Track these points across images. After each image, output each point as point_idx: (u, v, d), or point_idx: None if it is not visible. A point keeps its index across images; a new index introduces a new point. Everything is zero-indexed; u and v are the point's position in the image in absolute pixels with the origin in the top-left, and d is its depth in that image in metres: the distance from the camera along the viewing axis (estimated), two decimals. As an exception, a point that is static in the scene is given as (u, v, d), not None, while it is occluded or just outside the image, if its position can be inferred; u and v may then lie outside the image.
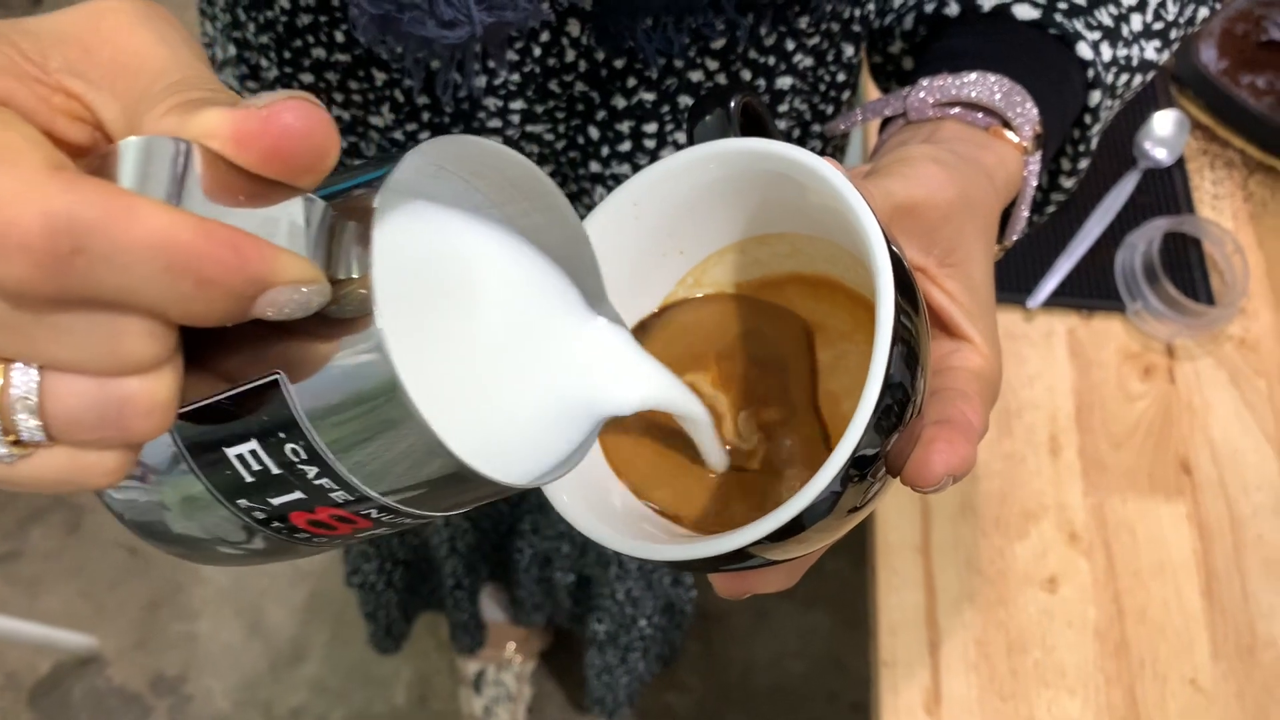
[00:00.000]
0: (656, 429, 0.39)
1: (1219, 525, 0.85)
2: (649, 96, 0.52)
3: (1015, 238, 0.49)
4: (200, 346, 0.24)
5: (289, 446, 0.25)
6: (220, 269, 0.21)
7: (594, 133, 0.54)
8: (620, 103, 0.52)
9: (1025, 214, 0.48)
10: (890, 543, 0.84)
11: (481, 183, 0.31)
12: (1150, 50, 0.51)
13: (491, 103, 0.52)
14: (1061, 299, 0.95)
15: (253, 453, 0.26)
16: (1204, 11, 0.54)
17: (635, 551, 0.32)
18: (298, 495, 0.26)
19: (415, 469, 0.26)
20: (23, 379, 0.22)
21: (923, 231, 0.39)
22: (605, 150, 0.54)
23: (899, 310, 0.30)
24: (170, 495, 0.28)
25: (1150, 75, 0.53)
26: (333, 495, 0.26)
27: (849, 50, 0.55)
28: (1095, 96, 0.49)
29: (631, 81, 0.51)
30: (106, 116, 0.24)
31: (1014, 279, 0.96)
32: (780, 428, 0.38)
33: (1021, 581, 0.83)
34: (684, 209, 0.38)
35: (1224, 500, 0.86)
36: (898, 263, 0.31)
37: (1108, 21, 0.49)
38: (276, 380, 0.24)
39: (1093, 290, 0.96)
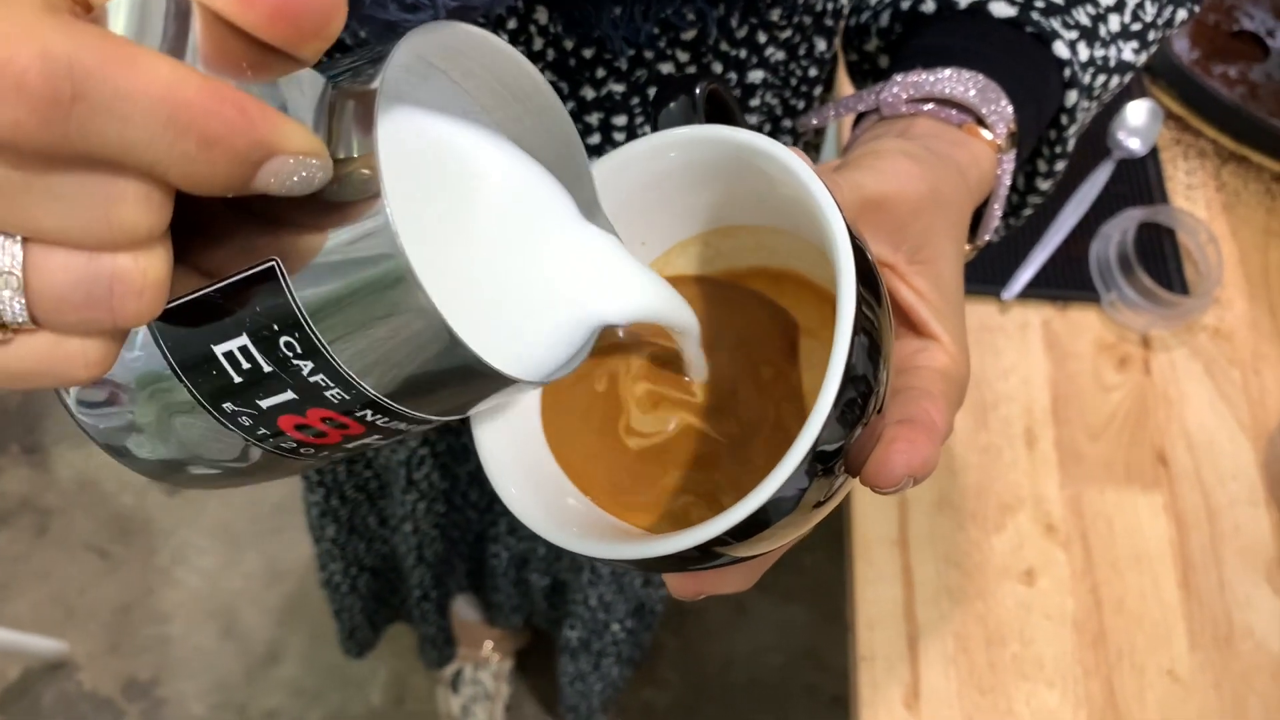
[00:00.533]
0: (610, 430, 0.38)
1: (1195, 516, 0.85)
2: (618, 88, 0.51)
3: (988, 237, 0.48)
4: (185, 241, 0.23)
5: (284, 340, 0.24)
6: (225, 129, 0.20)
7: None
8: (589, 94, 0.51)
9: (998, 213, 0.47)
10: (868, 537, 0.84)
11: (472, 84, 0.30)
12: (1128, 51, 0.51)
13: None
14: (1036, 290, 0.95)
15: (243, 349, 0.24)
16: (1182, 13, 0.54)
17: (598, 552, 0.31)
18: (289, 396, 0.25)
19: (417, 359, 0.25)
20: (6, 253, 0.20)
21: (892, 227, 0.38)
22: None
23: (860, 301, 0.29)
24: (147, 408, 0.27)
25: (1128, 77, 0.52)
26: (327, 394, 0.25)
27: (821, 45, 0.54)
28: (1072, 96, 0.48)
29: (600, 72, 0.50)
30: None
31: (988, 271, 0.96)
32: (742, 420, 0.37)
33: (999, 574, 0.82)
34: (646, 198, 0.37)
35: (1200, 491, 0.86)
36: (860, 253, 0.30)
37: (1085, 21, 0.49)
38: (273, 267, 0.23)
39: (1068, 281, 0.95)
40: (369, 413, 0.26)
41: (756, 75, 0.52)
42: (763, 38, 0.50)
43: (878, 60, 0.54)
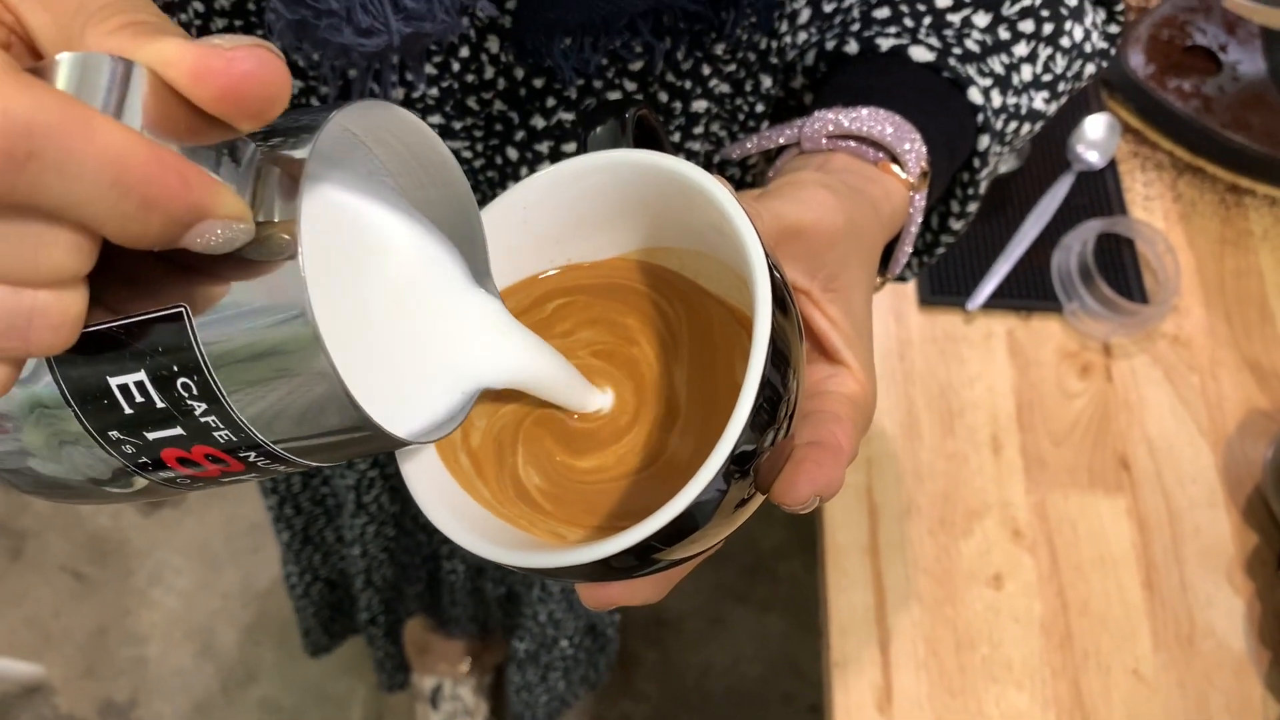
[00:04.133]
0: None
1: (1157, 518, 0.87)
2: (568, 117, 0.52)
3: (896, 272, 0.50)
4: (98, 276, 0.24)
5: (181, 381, 0.25)
6: (165, 194, 0.21)
7: (512, 153, 0.54)
8: (539, 123, 0.52)
9: (908, 249, 0.49)
10: (839, 544, 0.85)
11: (383, 152, 0.32)
12: (1039, 100, 0.54)
13: None
14: (1000, 300, 0.97)
15: (139, 384, 0.26)
16: (1090, 68, 0.57)
17: (529, 563, 0.32)
18: (176, 431, 0.26)
19: (311, 416, 0.26)
20: None
21: (808, 255, 0.40)
22: (524, 171, 0.55)
23: (775, 319, 0.31)
24: (34, 433, 0.28)
25: (1039, 125, 0.55)
26: (215, 435, 0.26)
27: (767, 81, 0.56)
28: (984, 141, 0.51)
29: (550, 101, 0.52)
30: (33, 23, 0.24)
31: (953, 282, 0.98)
32: (648, 440, 0.37)
33: (968, 579, 0.84)
34: (573, 218, 0.38)
35: (1161, 494, 0.88)
36: (775, 276, 0.32)
37: (999, 70, 0.52)
38: (181, 311, 0.25)
39: (1030, 291, 0.98)
40: (252, 454, 0.27)
41: (700, 105, 0.54)
42: (707, 70, 0.52)
43: (803, 97, 0.57)
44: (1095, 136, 1.05)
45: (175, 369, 0.25)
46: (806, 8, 0.53)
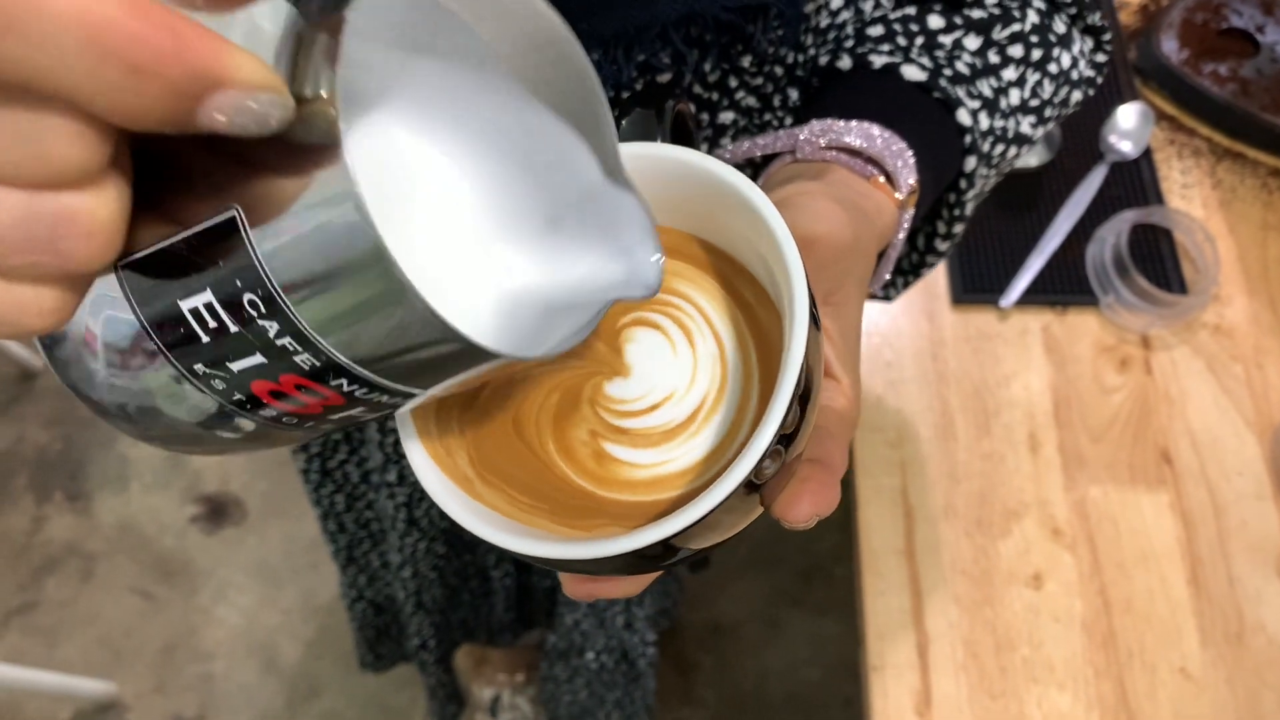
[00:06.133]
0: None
1: (1202, 513, 0.86)
2: None
3: (877, 288, 0.50)
4: (153, 188, 0.22)
5: (247, 296, 0.22)
6: (152, 55, 0.18)
7: None
8: None
9: (890, 266, 0.49)
10: (874, 548, 0.85)
11: (486, 28, 0.28)
12: (1025, 125, 0.54)
13: None
14: (1035, 296, 0.96)
15: (209, 306, 0.23)
16: (1077, 95, 0.57)
17: (547, 552, 0.30)
18: (258, 359, 0.24)
19: (385, 326, 0.23)
20: None
21: (814, 268, 0.40)
22: None
23: (812, 314, 0.30)
24: (124, 369, 0.26)
25: (1024, 149, 0.55)
26: (297, 360, 0.24)
27: (794, 95, 0.56)
28: (971, 162, 0.51)
29: None
30: None
31: (986, 279, 0.97)
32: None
33: (1006, 579, 0.83)
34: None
35: (1206, 488, 0.87)
36: (809, 289, 0.32)
37: (988, 93, 0.52)
38: (234, 219, 0.22)
39: (1065, 286, 0.96)
40: (344, 381, 0.24)
41: (728, 117, 0.54)
42: (734, 82, 0.53)
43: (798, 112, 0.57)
44: (1128, 126, 1.03)
45: (239, 284, 0.22)
46: None
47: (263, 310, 0.22)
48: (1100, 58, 0.58)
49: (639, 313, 0.37)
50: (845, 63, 0.52)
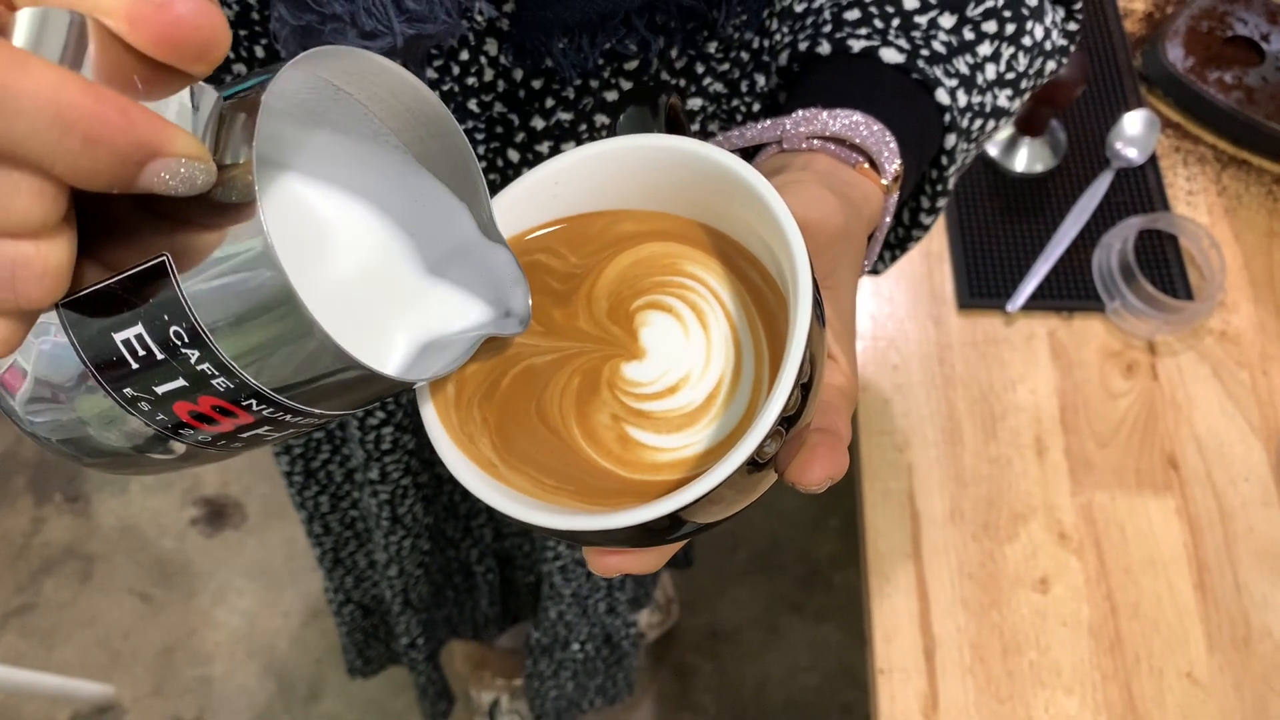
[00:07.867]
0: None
1: (1208, 518, 0.86)
2: (566, 116, 0.54)
3: (867, 268, 0.51)
4: (94, 237, 0.26)
5: (173, 330, 0.26)
6: (107, 129, 0.22)
7: (514, 155, 0.56)
8: (539, 124, 0.54)
9: (876, 252, 0.50)
10: (881, 551, 0.85)
11: (379, 108, 0.33)
12: (1003, 98, 0.55)
13: None
14: (1041, 302, 0.96)
15: (138, 337, 0.27)
16: (1051, 65, 0.58)
17: (560, 523, 0.32)
18: (180, 383, 0.28)
19: (292, 354, 0.27)
20: None
21: (810, 252, 0.41)
22: (525, 171, 0.56)
23: (815, 298, 0.32)
24: (84, 402, 0.30)
25: (1002, 121, 0.56)
26: (214, 383, 0.28)
27: (761, 81, 0.57)
28: (951, 140, 0.52)
29: (549, 102, 0.53)
30: None
31: (992, 284, 0.97)
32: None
33: (1013, 583, 0.83)
34: (604, 193, 0.39)
35: (1212, 493, 0.87)
36: (812, 271, 0.33)
37: (964, 70, 0.53)
38: (163, 262, 0.26)
39: (1071, 291, 0.97)
40: (254, 402, 0.28)
41: (695, 103, 0.55)
42: (701, 68, 0.54)
43: (777, 96, 0.58)
44: (1134, 132, 1.04)
45: (166, 318, 0.26)
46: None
47: (186, 340, 0.27)
48: (1072, 26, 0.59)
49: (652, 295, 0.38)
50: (824, 48, 0.52)
